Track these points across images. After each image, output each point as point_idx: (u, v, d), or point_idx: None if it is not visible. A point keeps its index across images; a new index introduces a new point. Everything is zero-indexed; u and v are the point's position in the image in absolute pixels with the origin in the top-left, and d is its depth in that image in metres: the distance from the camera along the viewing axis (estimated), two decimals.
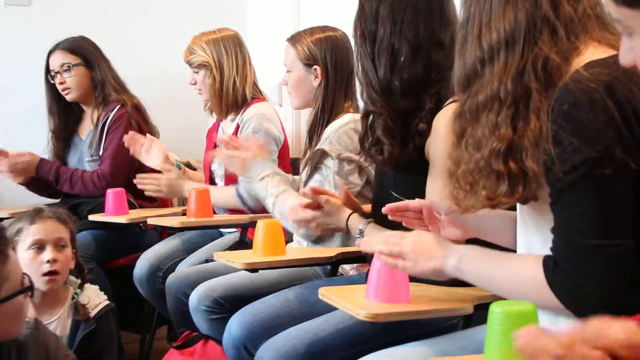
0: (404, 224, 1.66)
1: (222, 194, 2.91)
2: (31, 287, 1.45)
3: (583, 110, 1.21)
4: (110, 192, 2.91)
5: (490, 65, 1.32)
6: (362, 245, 1.58)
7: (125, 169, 3.14)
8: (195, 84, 3.03)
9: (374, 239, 1.56)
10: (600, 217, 1.22)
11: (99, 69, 3.20)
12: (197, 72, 3.01)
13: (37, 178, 3.19)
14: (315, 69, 2.44)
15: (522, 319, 1.21)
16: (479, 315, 1.60)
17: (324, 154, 2.31)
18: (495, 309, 1.24)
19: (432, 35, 1.84)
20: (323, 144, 2.32)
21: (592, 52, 1.29)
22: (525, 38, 1.29)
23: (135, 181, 2.97)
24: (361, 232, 1.91)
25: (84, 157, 3.24)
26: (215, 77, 2.96)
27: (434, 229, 1.62)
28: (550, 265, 1.28)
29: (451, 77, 1.82)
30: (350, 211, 1.98)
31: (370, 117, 1.90)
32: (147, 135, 3.12)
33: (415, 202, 1.63)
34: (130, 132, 3.06)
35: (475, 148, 1.33)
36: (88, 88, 3.22)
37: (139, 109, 3.24)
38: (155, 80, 3.76)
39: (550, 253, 1.29)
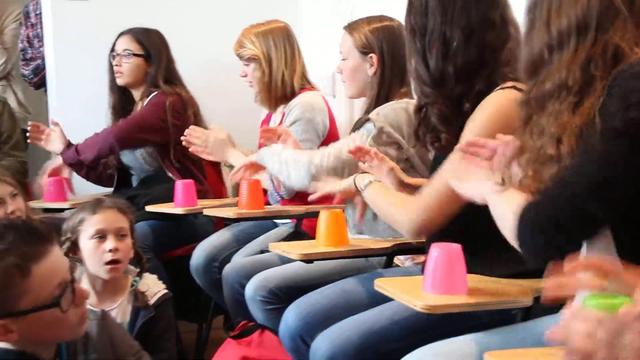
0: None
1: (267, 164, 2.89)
2: (56, 303, 1.45)
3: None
4: (179, 183, 2.94)
5: (559, 52, 1.31)
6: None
7: (151, 125, 3.16)
8: (245, 76, 3.05)
9: None
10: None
11: (157, 66, 3.24)
12: (247, 65, 3.03)
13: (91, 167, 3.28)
14: (371, 57, 2.44)
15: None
16: (538, 307, 1.58)
17: (367, 121, 2.34)
18: (589, 302, 1.18)
19: (483, 17, 1.84)
20: (371, 113, 2.34)
21: None
22: (598, 25, 1.28)
23: (183, 137, 2.94)
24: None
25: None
26: (264, 70, 2.98)
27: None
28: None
29: (502, 57, 1.83)
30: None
31: (423, 110, 1.90)
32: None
33: (495, 140, 1.57)
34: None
35: (539, 136, 1.32)
36: (139, 79, 3.27)
37: (181, 98, 3.24)
38: (208, 70, 3.79)
39: None
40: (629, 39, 1.27)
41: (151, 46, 3.25)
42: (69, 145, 3.25)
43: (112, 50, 3.27)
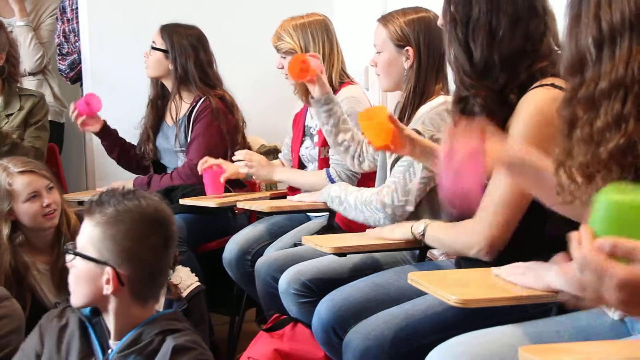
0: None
1: (312, 178, 2.92)
2: None
3: None
4: (206, 174, 2.97)
5: (610, 49, 1.22)
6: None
7: (213, 154, 3.19)
8: (282, 68, 3.05)
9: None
10: None
11: (180, 64, 3.25)
12: (284, 58, 3.02)
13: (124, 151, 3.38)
14: (407, 50, 2.39)
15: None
16: None
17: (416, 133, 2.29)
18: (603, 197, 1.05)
19: (530, 4, 1.82)
20: (415, 124, 2.29)
21: None
22: None
23: (234, 157, 3.00)
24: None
25: (172, 146, 3.33)
26: None
27: None
28: None
29: (542, 48, 1.80)
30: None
31: (463, 102, 1.87)
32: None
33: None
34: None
35: (595, 139, 1.23)
36: (165, 74, 3.30)
37: (224, 100, 3.28)
38: (246, 63, 3.80)
39: None
40: None
41: (175, 43, 3.26)
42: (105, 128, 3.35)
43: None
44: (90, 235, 1.63)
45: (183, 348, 1.60)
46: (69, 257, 1.68)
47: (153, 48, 3.28)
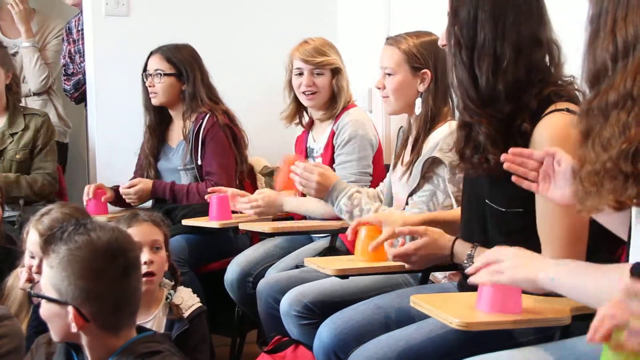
0: (513, 179, 1.61)
1: (320, 204, 2.87)
2: None
3: None
4: (214, 198, 2.94)
5: (624, 62, 1.27)
6: (473, 279, 1.55)
7: (232, 174, 3.22)
8: (312, 85, 3.00)
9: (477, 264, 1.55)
10: None
11: (192, 82, 3.25)
12: (320, 74, 2.99)
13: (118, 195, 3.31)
14: (424, 72, 2.38)
15: None
16: (577, 326, 1.55)
17: (435, 162, 2.27)
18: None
19: (532, 34, 1.80)
20: (433, 151, 2.27)
21: None
22: None
23: (239, 206, 2.95)
24: (470, 258, 1.87)
25: (176, 165, 3.31)
26: (337, 79, 2.99)
27: (544, 187, 1.57)
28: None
29: (550, 78, 1.80)
30: (453, 237, 1.94)
31: (468, 127, 1.85)
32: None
33: (541, 152, 1.57)
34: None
35: (603, 148, 1.28)
36: (175, 97, 3.29)
37: (227, 115, 3.29)
38: (247, 85, 3.80)
39: None
40: None
41: (182, 64, 3.26)
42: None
43: (145, 69, 3.30)
44: (48, 276, 1.59)
45: None
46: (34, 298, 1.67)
47: (163, 74, 3.25)
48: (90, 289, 1.56)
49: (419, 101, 2.40)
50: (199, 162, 3.24)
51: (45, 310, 1.61)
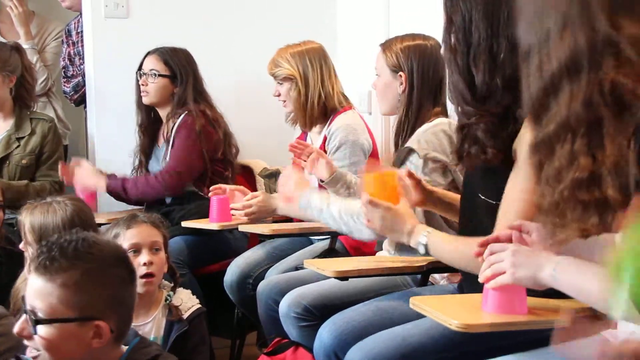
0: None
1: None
2: None
3: None
4: (214, 199, 2.94)
5: (555, 95, 1.29)
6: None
7: (193, 172, 3.20)
8: (279, 95, 3.06)
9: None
10: None
11: (184, 86, 3.25)
12: (281, 84, 3.04)
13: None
14: (400, 75, 2.46)
15: None
16: None
17: (410, 152, 2.33)
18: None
19: None
20: (411, 143, 2.34)
21: None
22: (589, 63, 1.25)
23: (232, 212, 2.93)
24: (426, 248, 1.88)
25: (160, 166, 3.31)
26: (301, 90, 2.99)
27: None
28: None
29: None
30: (416, 223, 1.93)
31: (466, 128, 1.86)
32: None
33: (506, 232, 1.59)
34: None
35: (556, 180, 1.29)
36: (165, 99, 3.29)
37: (205, 115, 3.24)
38: (244, 88, 3.81)
39: None
40: (629, 71, 1.23)
41: (177, 67, 3.26)
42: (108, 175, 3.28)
43: (140, 68, 3.31)
44: (58, 296, 1.48)
45: None
46: (38, 329, 1.49)
47: (158, 75, 3.26)
48: (115, 296, 1.52)
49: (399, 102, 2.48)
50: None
51: (53, 335, 1.49)
